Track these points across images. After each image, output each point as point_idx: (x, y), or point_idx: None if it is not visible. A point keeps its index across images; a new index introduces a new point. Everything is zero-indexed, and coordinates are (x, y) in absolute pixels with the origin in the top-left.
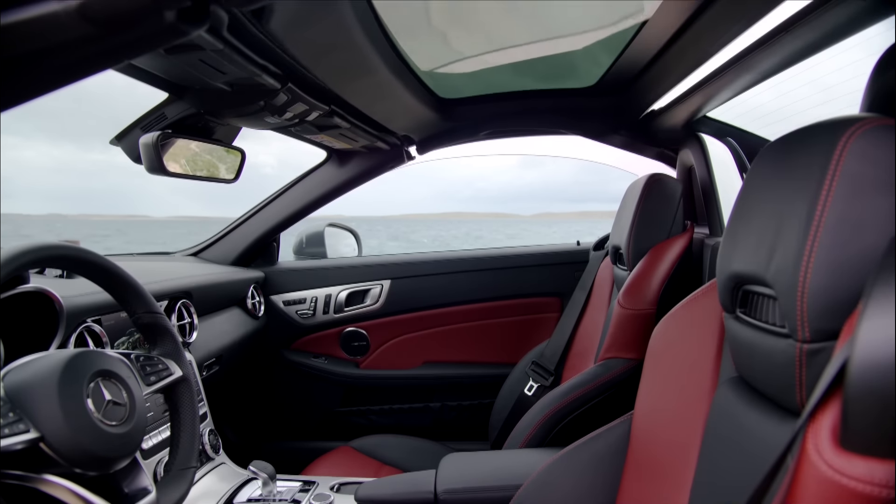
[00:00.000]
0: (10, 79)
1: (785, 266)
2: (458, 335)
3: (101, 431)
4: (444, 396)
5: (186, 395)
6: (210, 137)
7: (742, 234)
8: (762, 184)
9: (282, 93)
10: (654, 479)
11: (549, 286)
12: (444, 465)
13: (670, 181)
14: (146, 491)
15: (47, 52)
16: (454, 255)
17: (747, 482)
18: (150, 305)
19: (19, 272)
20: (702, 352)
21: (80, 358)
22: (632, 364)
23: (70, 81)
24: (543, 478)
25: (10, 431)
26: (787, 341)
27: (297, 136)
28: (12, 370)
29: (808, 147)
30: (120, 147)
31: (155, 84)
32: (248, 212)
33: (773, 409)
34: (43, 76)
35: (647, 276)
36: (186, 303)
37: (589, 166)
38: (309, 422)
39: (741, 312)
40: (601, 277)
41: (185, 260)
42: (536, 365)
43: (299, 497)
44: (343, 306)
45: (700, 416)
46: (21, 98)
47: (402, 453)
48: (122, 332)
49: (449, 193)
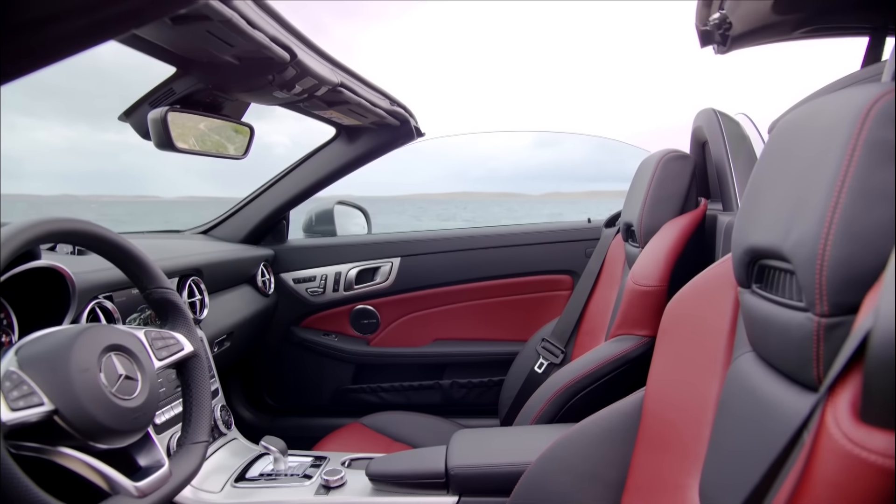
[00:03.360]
0: (11, 49)
1: (804, 238)
2: (468, 313)
3: (114, 405)
4: (455, 374)
5: (198, 370)
6: (219, 113)
7: (759, 207)
8: (781, 155)
9: (290, 66)
10: (667, 454)
11: (559, 263)
12: (454, 441)
13: (684, 157)
14: (160, 464)
15: (50, 19)
16: (465, 233)
17: (761, 456)
18: (161, 281)
19: (31, 246)
20: (715, 327)
21: (92, 332)
22: (643, 341)
23: (75, 51)
24: (554, 453)
25: (26, 404)
26: (804, 315)
27: (306, 111)
28: (26, 344)
29: (830, 116)
30: (128, 123)
31: (161, 57)
32: (257, 189)
33: (788, 385)
34: (45, 46)
35: (659, 253)
36: (197, 280)
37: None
38: (319, 399)
39: (757, 287)
40: (612, 254)
41: (195, 238)
42: (547, 342)
43: (311, 472)
44: (353, 284)
45: (713, 392)
46: (22, 70)
47: (413, 430)
48: (134, 308)
49: (460, 173)
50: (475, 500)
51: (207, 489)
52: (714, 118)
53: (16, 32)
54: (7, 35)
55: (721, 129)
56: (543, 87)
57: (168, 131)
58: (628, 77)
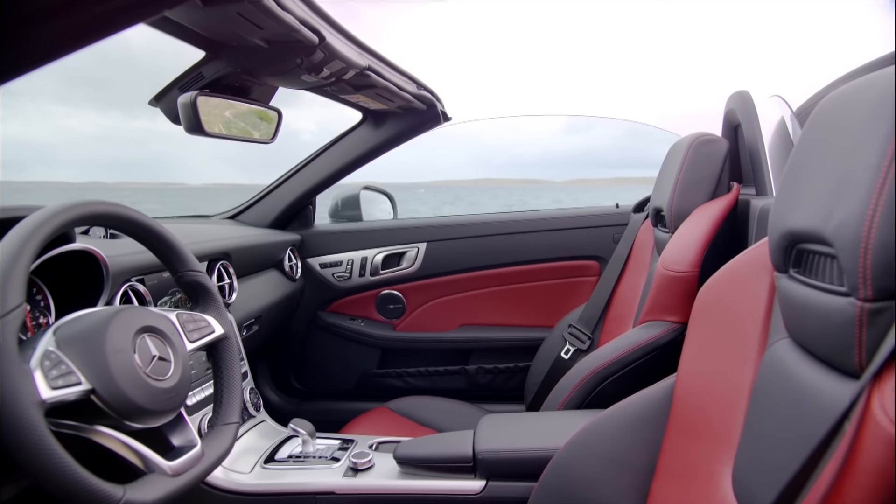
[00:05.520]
0: (45, 30)
1: (847, 221)
2: (494, 298)
3: (148, 385)
4: (480, 359)
5: (229, 352)
6: (247, 97)
7: (798, 190)
8: (822, 136)
9: (319, 49)
10: (698, 440)
11: (587, 249)
12: (482, 426)
13: (716, 140)
14: (192, 444)
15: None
16: (491, 218)
17: (799, 443)
18: (193, 265)
19: (67, 228)
20: (750, 313)
21: (126, 314)
22: (673, 327)
23: (109, 33)
24: (583, 438)
25: (65, 383)
26: (846, 300)
27: (332, 96)
28: (63, 325)
29: (876, 93)
30: (158, 108)
31: (191, 41)
32: (284, 175)
33: (827, 371)
34: (80, 26)
35: (690, 238)
36: (225, 264)
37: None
38: (345, 383)
39: (794, 272)
40: (641, 240)
41: (223, 223)
42: (573, 328)
43: (338, 455)
44: (379, 269)
45: (747, 378)
46: (57, 51)
47: (439, 415)
48: (165, 291)
49: (484, 159)
50: (502, 485)
51: (238, 470)
52: (748, 100)
53: (50, 15)
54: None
55: (755, 111)
56: (576, 71)
57: (198, 115)
58: (659, 60)
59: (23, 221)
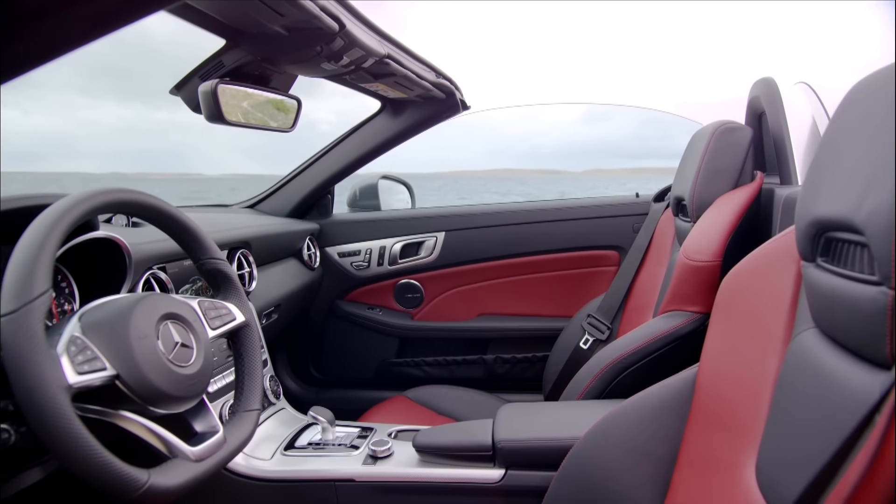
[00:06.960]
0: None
1: (879, 208)
2: (513, 288)
3: (171, 371)
4: (498, 349)
5: (250, 339)
6: (267, 85)
7: (828, 177)
8: (854, 122)
9: (339, 37)
10: (720, 431)
11: (606, 239)
12: (501, 415)
13: (739, 128)
14: (215, 430)
15: None
16: (509, 208)
17: (827, 435)
18: (214, 253)
19: (91, 216)
20: (775, 302)
21: (149, 301)
22: (695, 317)
23: (130, 20)
24: (604, 428)
25: (90, 368)
26: (877, 289)
27: (351, 84)
28: (88, 311)
29: None
30: (179, 96)
31: (211, 28)
32: (302, 164)
33: (856, 362)
34: (102, 12)
35: (713, 227)
36: (245, 253)
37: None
38: (364, 371)
39: (822, 261)
40: (661, 230)
41: (242, 212)
42: (593, 318)
43: (358, 443)
44: (397, 258)
45: (772, 369)
46: (81, 38)
47: (457, 404)
48: (186, 279)
49: (502, 149)
50: (522, 474)
51: (258, 456)
52: (773, 87)
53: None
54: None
55: (780, 99)
56: (595, 59)
57: (218, 104)
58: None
59: (48, 209)
